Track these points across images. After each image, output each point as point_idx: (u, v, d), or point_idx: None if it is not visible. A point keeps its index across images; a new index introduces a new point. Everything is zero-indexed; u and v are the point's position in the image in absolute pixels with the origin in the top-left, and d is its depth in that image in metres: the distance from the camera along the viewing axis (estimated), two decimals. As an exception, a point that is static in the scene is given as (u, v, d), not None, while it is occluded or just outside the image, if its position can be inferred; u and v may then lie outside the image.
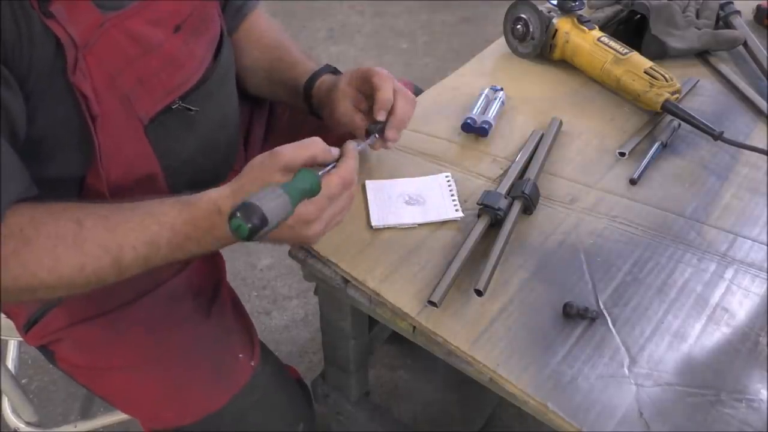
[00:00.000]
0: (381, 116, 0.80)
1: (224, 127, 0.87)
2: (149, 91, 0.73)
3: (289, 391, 0.94)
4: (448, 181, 0.87)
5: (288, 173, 0.65)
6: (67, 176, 0.73)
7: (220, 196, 0.67)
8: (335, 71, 0.91)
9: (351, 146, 0.72)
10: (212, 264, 0.94)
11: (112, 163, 0.74)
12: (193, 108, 0.78)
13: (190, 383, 0.84)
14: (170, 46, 0.74)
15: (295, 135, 1.05)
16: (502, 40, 1.13)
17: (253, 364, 0.87)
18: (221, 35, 0.86)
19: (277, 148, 0.67)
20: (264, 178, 0.66)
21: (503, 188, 0.84)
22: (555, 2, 1.06)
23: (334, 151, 0.71)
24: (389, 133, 0.81)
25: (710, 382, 0.68)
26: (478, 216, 0.81)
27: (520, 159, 0.90)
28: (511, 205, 0.81)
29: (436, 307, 0.72)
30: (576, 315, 0.72)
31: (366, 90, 0.83)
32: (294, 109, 1.06)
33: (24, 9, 0.60)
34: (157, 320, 0.84)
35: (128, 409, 0.90)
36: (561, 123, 0.96)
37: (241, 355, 0.87)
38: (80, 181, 0.75)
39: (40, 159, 0.67)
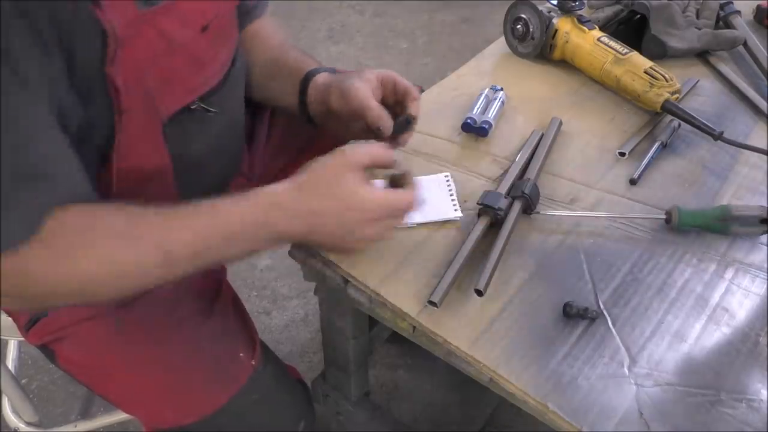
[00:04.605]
0: (414, 110, 0.82)
1: (234, 129, 0.87)
2: (172, 89, 0.73)
3: (290, 390, 0.94)
4: (448, 181, 0.87)
5: (358, 171, 0.68)
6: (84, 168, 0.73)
7: (281, 190, 0.68)
8: (334, 72, 0.90)
9: (413, 182, 0.74)
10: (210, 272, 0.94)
11: (126, 158, 0.74)
12: (211, 109, 0.77)
13: (191, 382, 0.84)
14: (196, 45, 0.74)
15: (292, 139, 1.05)
16: (502, 40, 1.13)
17: (253, 363, 0.87)
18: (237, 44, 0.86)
19: (341, 149, 0.70)
20: (337, 176, 0.68)
21: (503, 188, 0.84)
22: (555, 2, 1.06)
23: (392, 153, 0.74)
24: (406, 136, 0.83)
25: (710, 382, 0.68)
26: (478, 216, 0.81)
27: (520, 159, 0.90)
28: (511, 205, 0.82)
29: (437, 307, 0.72)
30: (576, 315, 0.72)
31: (388, 95, 0.83)
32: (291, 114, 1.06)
33: None
34: (158, 319, 0.84)
35: (129, 408, 0.90)
36: (561, 123, 0.96)
37: (241, 354, 0.87)
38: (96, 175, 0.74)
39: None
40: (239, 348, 0.87)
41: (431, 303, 0.72)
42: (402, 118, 0.80)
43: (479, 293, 0.73)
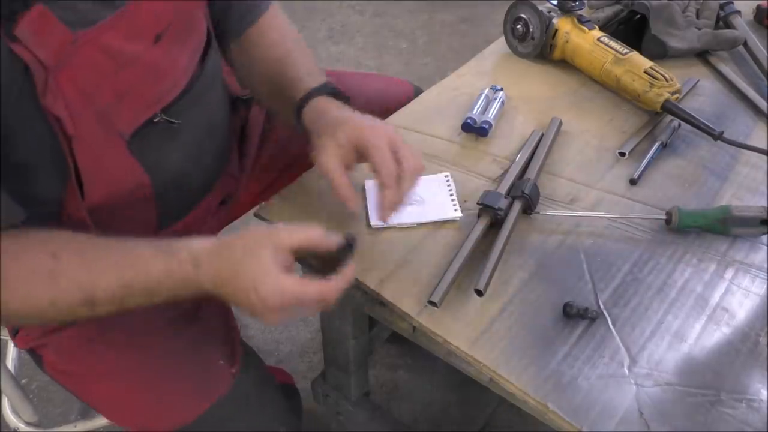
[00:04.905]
0: (384, 215, 0.74)
1: (212, 133, 0.85)
2: (129, 105, 0.71)
3: (272, 398, 0.91)
4: (447, 181, 0.87)
5: (279, 253, 0.65)
6: (47, 198, 0.72)
7: (201, 250, 0.67)
8: (335, 91, 0.83)
9: (351, 270, 0.69)
10: None
11: (96, 183, 0.72)
12: (175, 121, 0.75)
13: (170, 391, 0.83)
14: (150, 57, 0.71)
15: (288, 143, 1.04)
16: (502, 40, 1.13)
17: (233, 371, 0.85)
18: (208, 40, 0.83)
19: (277, 226, 0.68)
20: (254, 250, 0.65)
21: (503, 188, 0.84)
22: (555, 2, 1.06)
23: (334, 240, 0.69)
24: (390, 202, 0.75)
25: (710, 382, 0.68)
26: (478, 216, 0.81)
27: (520, 159, 0.90)
28: (511, 205, 0.82)
29: (437, 307, 0.72)
30: (576, 315, 0.72)
31: (362, 151, 0.75)
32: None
33: None
34: (138, 326, 0.83)
35: (111, 416, 0.89)
36: (561, 123, 0.96)
37: (221, 362, 0.85)
38: (60, 201, 0.73)
39: (19, 181, 0.66)
40: (219, 355, 0.85)
41: (431, 303, 0.72)
42: (344, 241, 0.69)
43: (479, 293, 0.73)
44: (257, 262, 0.64)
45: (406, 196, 0.75)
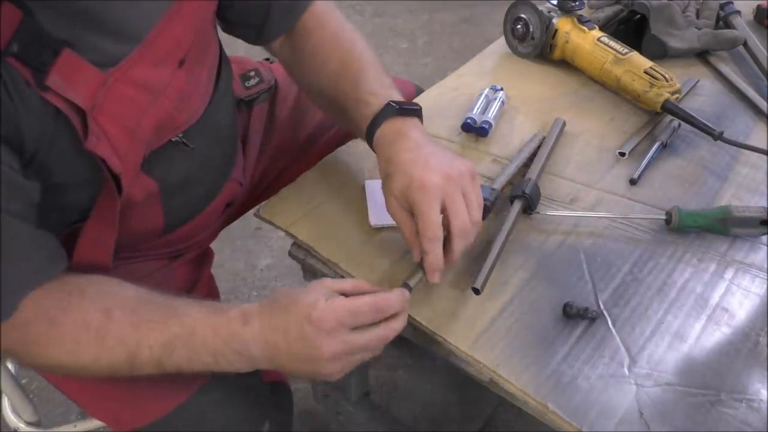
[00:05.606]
0: (430, 277, 0.71)
1: (220, 142, 0.85)
2: (159, 131, 0.72)
3: (253, 389, 0.88)
4: (448, 181, 0.87)
5: (330, 295, 0.66)
6: (73, 207, 0.72)
7: (251, 307, 0.67)
8: (401, 110, 0.76)
9: (401, 294, 0.68)
10: (193, 267, 0.93)
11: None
12: (190, 145, 0.76)
13: (147, 383, 0.79)
14: (177, 82, 0.71)
15: (291, 140, 1.04)
16: (502, 40, 1.13)
17: None
18: (220, 55, 0.83)
19: (324, 278, 0.69)
20: (303, 293, 0.66)
21: (498, 183, 0.84)
22: (555, 2, 1.06)
23: (381, 289, 0.69)
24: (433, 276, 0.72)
25: (710, 382, 0.68)
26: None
27: (518, 159, 0.89)
28: (497, 197, 0.82)
29: (410, 290, 0.71)
30: (576, 315, 0.72)
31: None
32: (292, 117, 1.05)
33: (17, 86, 0.58)
34: None
35: (90, 410, 0.89)
36: (564, 123, 0.96)
37: None
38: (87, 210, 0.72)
39: (48, 195, 0.67)
40: None
41: (405, 285, 0.71)
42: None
43: (476, 292, 0.73)
44: (307, 298, 0.65)
45: (452, 259, 0.71)
